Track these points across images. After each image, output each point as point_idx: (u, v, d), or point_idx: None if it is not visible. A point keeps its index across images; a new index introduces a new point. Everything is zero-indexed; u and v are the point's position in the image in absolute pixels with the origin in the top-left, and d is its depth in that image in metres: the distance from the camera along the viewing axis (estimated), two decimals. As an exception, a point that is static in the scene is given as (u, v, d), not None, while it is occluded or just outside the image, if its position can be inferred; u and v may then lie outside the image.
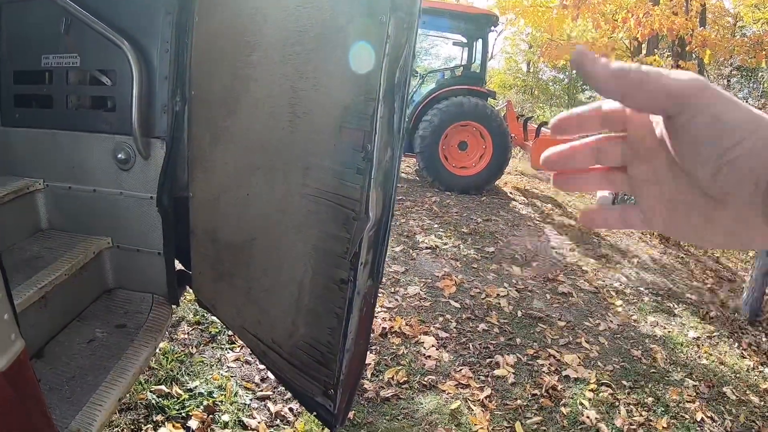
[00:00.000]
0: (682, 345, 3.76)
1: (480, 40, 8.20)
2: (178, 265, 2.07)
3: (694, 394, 3.13)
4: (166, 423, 2.26)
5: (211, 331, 3.09)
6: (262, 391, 2.63)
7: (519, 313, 3.87)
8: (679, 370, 3.40)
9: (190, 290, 2.10)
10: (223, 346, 2.97)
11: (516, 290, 4.28)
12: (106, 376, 1.70)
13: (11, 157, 2.11)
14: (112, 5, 1.85)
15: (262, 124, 1.51)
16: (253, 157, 1.55)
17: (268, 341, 1.69)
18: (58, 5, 1.75)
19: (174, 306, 2.07)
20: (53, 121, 2.04)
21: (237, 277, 1.74)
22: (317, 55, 1.38)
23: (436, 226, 5.80)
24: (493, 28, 8.46)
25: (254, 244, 1.64)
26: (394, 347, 3.18)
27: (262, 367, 2.73)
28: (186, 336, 3.02)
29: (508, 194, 8.10)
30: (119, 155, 1.91)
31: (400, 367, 2.97)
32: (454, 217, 6.29)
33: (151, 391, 2.40)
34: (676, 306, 4.46)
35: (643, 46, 13.47)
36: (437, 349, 3.21)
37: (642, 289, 4.74)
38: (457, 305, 3.87)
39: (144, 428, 2.23)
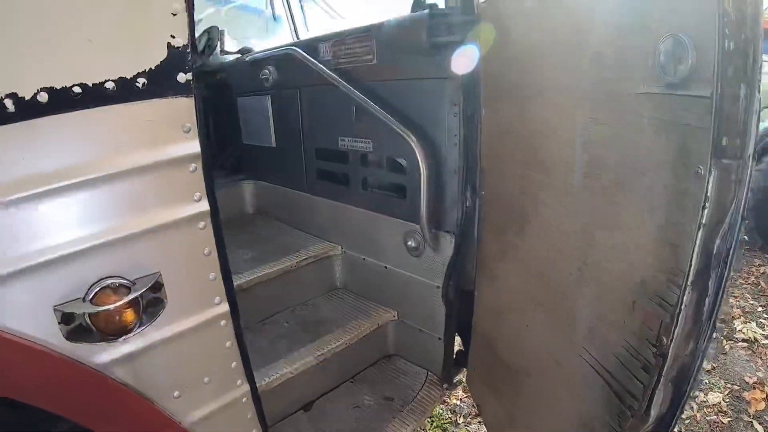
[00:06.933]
0: None
1: None
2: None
3: None
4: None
5: (481, 405, 3.00)
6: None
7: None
8: None
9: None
10: (489, 424, 2.85)
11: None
12: (358, 450, 1.77)
13: (317, 221, 2.50)
14: (396, 95, 1.86)
15: (550, 258, 1.32)
16: (537, 291, 1.38)
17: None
18: (345, 93, 1.85)
19: (446, 386, 2.06)
20: (348, 197, 2.26)
21: (504, 397, 1.63)
22: (613, 199, 1.11)
23: (760, 309, 4.50)
24: None
25: (526, 378, 1.49)
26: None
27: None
28: (458, 402, 3.01)
29: None
30: (409, 242, 1.99)
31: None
32: (786, 297, 4.81)
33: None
34: None
35: None
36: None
37: None
38: (761, 429, 2.90)
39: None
